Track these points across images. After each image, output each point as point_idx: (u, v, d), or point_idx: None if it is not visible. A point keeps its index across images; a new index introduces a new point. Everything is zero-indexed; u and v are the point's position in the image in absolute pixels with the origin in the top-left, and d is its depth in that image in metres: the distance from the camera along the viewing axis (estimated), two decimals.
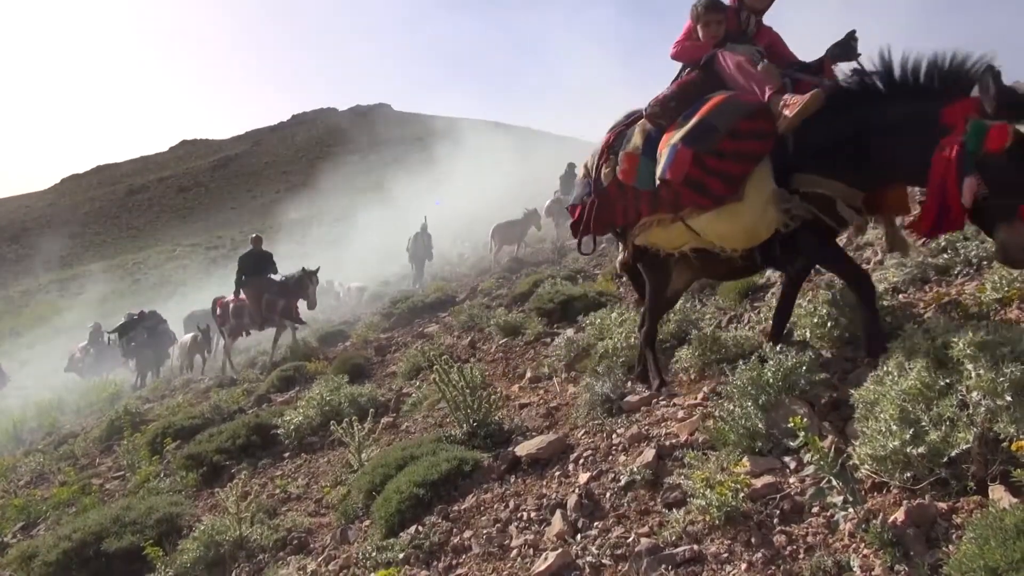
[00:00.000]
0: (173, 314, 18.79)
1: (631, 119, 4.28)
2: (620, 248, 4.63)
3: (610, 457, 3.70)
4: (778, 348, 3.61)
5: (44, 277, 51.44)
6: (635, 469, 3.31)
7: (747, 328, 4.86)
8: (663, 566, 2.60)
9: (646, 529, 2.90)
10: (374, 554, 3.54)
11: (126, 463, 7.55)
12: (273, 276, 12.88)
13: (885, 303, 4.00)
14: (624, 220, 4.32)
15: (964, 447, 2.32)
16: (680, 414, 3.90)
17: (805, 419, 2.69)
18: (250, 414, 7.90)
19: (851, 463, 2.63)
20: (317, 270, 12.81)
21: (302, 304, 12.75)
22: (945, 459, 2.36)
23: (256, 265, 13.00)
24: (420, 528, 3.65)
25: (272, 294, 12.60)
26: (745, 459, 3.04)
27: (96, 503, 6.30)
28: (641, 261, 4.59)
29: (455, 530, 3.59)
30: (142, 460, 7.28)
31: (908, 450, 2.39)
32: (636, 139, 4.02)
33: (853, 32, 3.62)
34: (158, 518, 4.99)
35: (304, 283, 12.59)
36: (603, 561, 2.79)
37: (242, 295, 13.03)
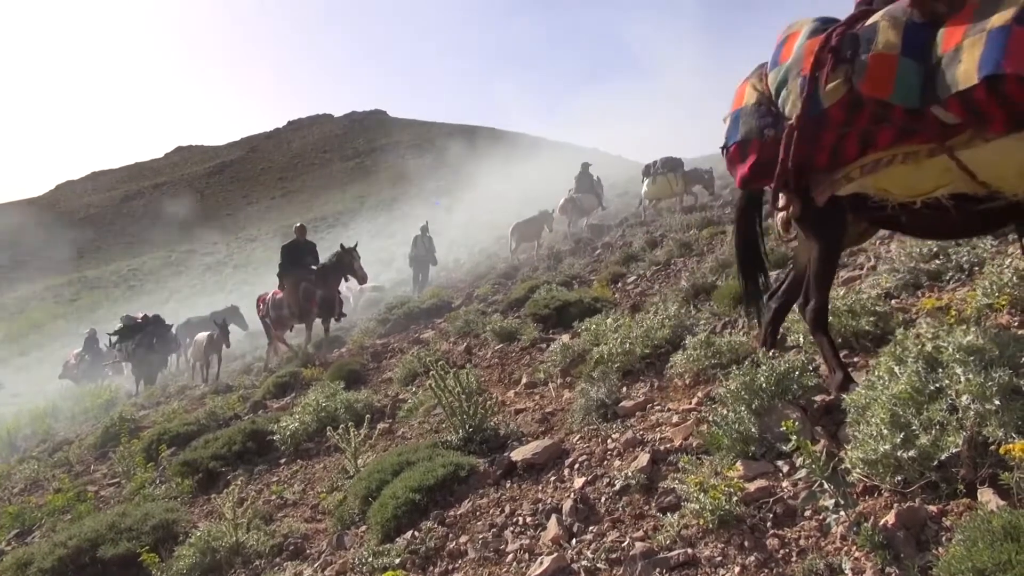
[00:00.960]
0: (169, 320, 18.76)
1: (844, 21, 3.11)
2: (780, 200, 3.39)
3: (605, 462, 3.72)
4: (771, 353, 3.63)
5: (38, 284, 51.26)
6: (630, 474, 3.34)
7: (741, 333, 4.89)
8: (657, 570, 2.62)
9: (641, 533, 2.92)
10: (370, 559, 3.55)
11: (121, 470, 7.54)
12: (313, 267, 12.32)
13: (878, 309, 4.03)
14: (831, 160, 3.10)
15: (954, 451, 2.34)
16: (674, 419, 3.93)
17: (797, 423, 2.71)
18: (246, 420, 7.89)
19: (843, 467, 2.66)
20: (355, 246, 12.25)
21: (352, 283, 12.41)
22: (935, 462, 2.39)
23: (297, 255, 12.40)
24: (416, 533, 3.66)
25: (309, 283, 11.95)
26: (738, 463, 3.06)
27: (91, 510, 6.29)
28: (812, 215, 3.34)
29: (451, 535, 3.60)
30: (137, 467, 7.26)
31: (899, 454, 2.42)
32: (888, 35, 2.85)
33: None
34: (154, 524, 4.98)
35: (345, 261, 11.98)
36: (598, 565, 2.80)
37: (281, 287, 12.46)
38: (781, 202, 3.40)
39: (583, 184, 19.21)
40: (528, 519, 3.44)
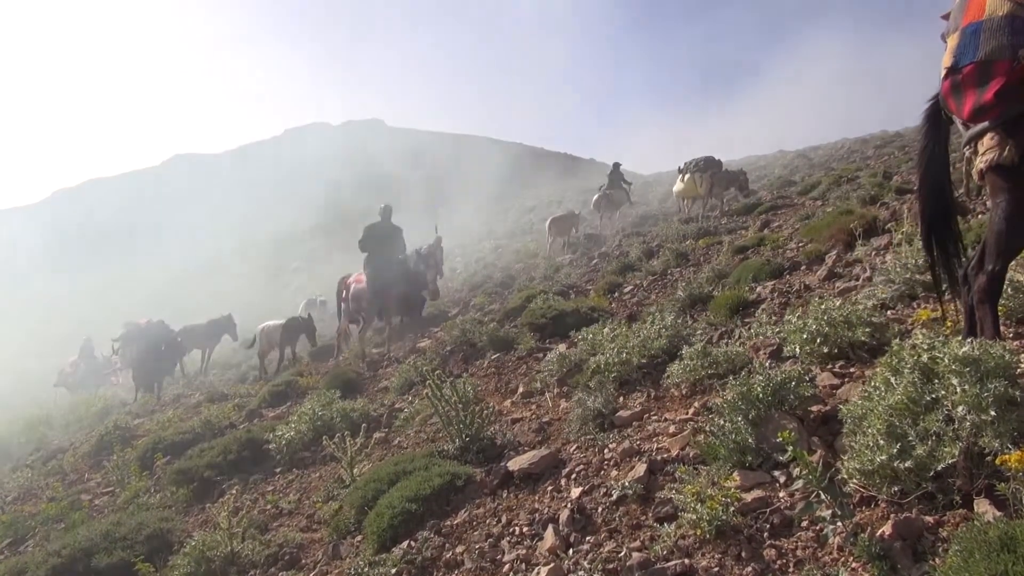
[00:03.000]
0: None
1: None
2: (989, 141, 2.92)
3: (602, 472, 3.72)
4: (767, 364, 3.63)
5: (36, 290, 51.12)
6: (627, 484, 3.33)
7: (738, 344, 4.90)
8: None
9: (638, 543, 2.91)
10: (366, 569, 3.53)
11: (116, 478, 7.50)
12: (399, 256, 10.80)
13: (874, 319, 4.04)
14: None
15: (950, 461, 2.35)
16: (671, 429, 3.93)
17: (794, 434, 2.72)
18: (241, 429, 7.86)
19: (839, 477, 2.66)
20: (438, 240, 10.63)
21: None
22: (931, 473, 2.39)
23: (382, 240, 10.76)
24: (412, 543, 3.65)
25: (389, 278, 10.38)
26: (735, 473, 3.06)
27: (85, 519, 6.25)
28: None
29: (447, 545, 3.59)
30: (132, 475, 7.23)
31: (895, 464, 2.43)
32: None
33: None
34: (148, 534, 4.96)
35: (415, 269, 10.41)
36: None
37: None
38: (989, 143, 2.90)
39: (614, 181, 20.19)
40: (525, 529, 3.43)
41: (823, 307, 4.17)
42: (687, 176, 16.33)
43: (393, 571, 3.45)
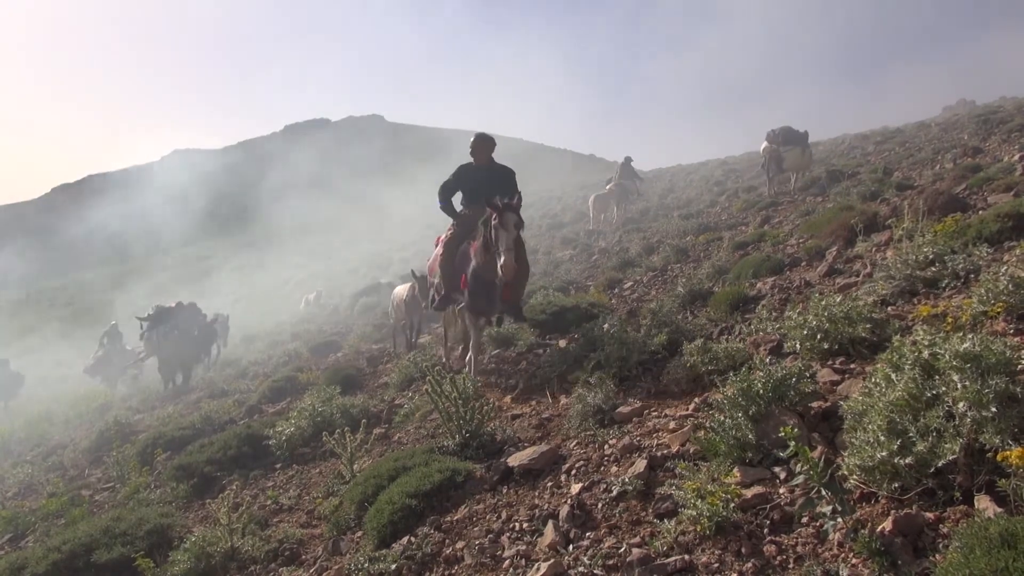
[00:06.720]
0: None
1: None
2: None
3: (602, 468, 3.71)
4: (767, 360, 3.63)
5: (37, 285, 51.12)
6: (627, 479, 3.33)
7: (738, 339, 4.90)
8: None
9: (637, 539, 2.91)
10: (366, 565, 3.53)
11: (116, 474, 7.50)
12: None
13: (874, 315, 4.04)
14: None
15: (951, 457, 2.34)
16: (671, 425, 3.92)
17: (795, 430, 2.71)
18: (241, 425, 7.87)
19: (840, 473, 2.66)
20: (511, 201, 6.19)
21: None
22: (932, 469, 2.39)
23: (475, 189, 7.19)
24: (412, 539, 3.65)
25: (467, 247, 6.78)
26: (735, 469, 3.06)
27: (85, 514, 6.25)
28: None
29: (447, 541, 3.59)
30: (132, 471, 7.23)
31: (896, 460, 2.42)
32: None
33: None
34: (148, 529, 4.96)
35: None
36: (595, 572, 2.79)
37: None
38: None
39: (626, 173, 21.29)
40: (525, 525, 3.42)
41: (823, 303, 4.16)
42: (806, 150, 15.12)
43: (393, 567, 3.45)
